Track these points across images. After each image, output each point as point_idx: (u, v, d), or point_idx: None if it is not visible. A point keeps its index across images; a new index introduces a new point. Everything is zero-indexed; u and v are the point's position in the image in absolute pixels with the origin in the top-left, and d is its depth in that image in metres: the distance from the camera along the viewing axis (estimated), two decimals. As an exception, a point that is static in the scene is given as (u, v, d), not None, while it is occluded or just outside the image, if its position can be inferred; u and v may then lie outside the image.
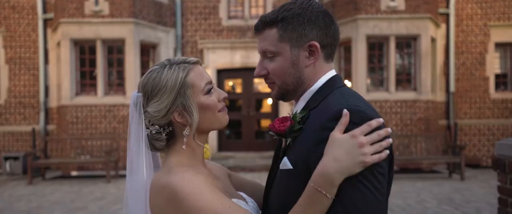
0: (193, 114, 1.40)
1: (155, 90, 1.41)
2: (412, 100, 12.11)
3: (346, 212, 1.18)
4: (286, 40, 1.39)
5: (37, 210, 7.55)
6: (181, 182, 1.31)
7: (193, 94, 1.41)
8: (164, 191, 1.32)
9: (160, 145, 1.47)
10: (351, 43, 12.26)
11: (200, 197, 1.27)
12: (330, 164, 1.19)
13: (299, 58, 1.39)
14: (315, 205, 1.18)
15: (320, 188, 1.18)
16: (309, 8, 1.39)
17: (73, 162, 11.35)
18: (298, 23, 1.38)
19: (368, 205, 1.19)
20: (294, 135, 1.39)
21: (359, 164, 1.20)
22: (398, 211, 7.12)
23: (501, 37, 13.02)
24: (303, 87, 1.43)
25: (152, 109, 1.41)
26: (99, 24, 11.92)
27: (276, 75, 1.43)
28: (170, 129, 1.45)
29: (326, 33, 1.41)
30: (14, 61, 13.00)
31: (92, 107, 12.08)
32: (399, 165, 11.97)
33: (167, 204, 1.31)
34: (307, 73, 1.41)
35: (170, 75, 1.41)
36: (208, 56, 13.21)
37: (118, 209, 7.54)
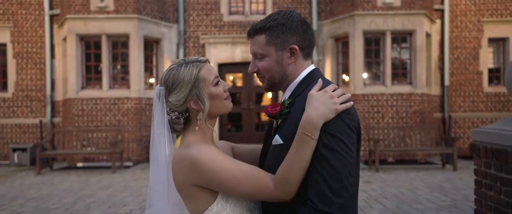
0: (205, 101, 1.78)
1: (175, 84, 1.78)
2: (408, 93, 12.48)
3: (331, 167, 1.56)
4: (272, 44, 1.77)
5: (49, 198, 7.96)
6: (198, 152, 1.68)
7: (204, 86, 1.79)
8: (185, 161, 1.69)
9: (179, 127, 1.85)
10: (349, 38, 12.63)
11: (214, 161, 1.65)
12: (312, 112, 1.57)
13: (282, 58, 1.77)
14: (304, 146, 1.55)
15: (307, 132, 1.55)
16: (290, 18, 1.77)
17: (80, 153, 11.73)
18: (281, 31, 1.76)
19: (344, 162, 1.57)
20: (283, 117, 1.77)
21: (332, 110, 1.58)
22: (392, 198, 7.52)
23: (494, 32, 13.42)
24: (288, 80, 1.82)
25: (173, 99, 1.79)
26: (104, 20, 12.30)
27: (265, 71, 1.82)
28: (187, 114, 1.82)
29: (304, 38, 1.79)
30: (22, 55, 13.38)
31: (97, 100, 12.46)
32: (395, 156, 12.39)
33: (188, 171, 1.68)
34: (290, 69, 1.79)
35: (186, 71, 1.79)
36: (209, 51, 13.59)
37: (125, 196, 7.94)
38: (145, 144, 12.71)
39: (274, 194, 1.57)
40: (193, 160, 1.65)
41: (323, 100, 1.60)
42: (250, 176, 1.59)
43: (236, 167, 1.63)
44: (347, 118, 1.61)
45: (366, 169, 10.96)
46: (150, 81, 13.45)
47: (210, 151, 1.69)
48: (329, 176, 1.55)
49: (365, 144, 12.15)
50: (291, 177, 1.54)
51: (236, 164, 1.64)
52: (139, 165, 12.12)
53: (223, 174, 1.60)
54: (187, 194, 1.70)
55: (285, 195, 1.57)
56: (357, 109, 12.39)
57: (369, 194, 7.87)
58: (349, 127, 1.62)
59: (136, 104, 12.48)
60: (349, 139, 1.61)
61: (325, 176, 1.55)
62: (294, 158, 1.55)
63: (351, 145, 1.61)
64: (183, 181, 1.69)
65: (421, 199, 7.45)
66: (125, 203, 7.36)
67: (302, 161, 1.54)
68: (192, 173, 1.65)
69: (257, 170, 1.65)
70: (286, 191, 1.56)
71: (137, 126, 12.52)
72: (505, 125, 3.64)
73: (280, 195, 1.57)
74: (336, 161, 1.56)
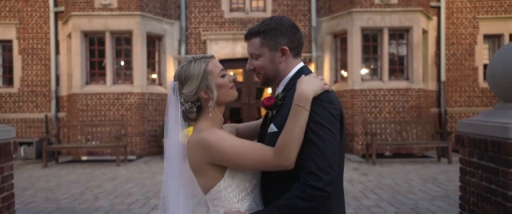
0: (213, 91, 2.07)
1: (187, 77, 2.08)
2: (405, 89, 12.78)
3: (319, 149, 1.84)
4: (265, 46, 2.06)
5: (57, 189, 8.27)
6: (210, 135, 1.98)
7: (212, 78, 2.08)
8: (198, 144, 1.98)
9: (192, 116, 2.14)
10: (347, 35, 12.92)
11: (222, 141, 1.94)
12: (303, 87, 1.86)
13: (275, 58, 2.06)
14: (298, 115, 1.83)
15: (300, 103, 1.83)
16: (281, 23, 2.06)
17: (85, 147, 12.04)
18: (273, 34, 2.05)
19: (329, 145, 1.86)
20: (277, 108, 2.07)
21: (320, 86, 1.87)
22: (387, 189, 7.83)
23: (489, 29, 13.71)
24: (280, 76, 2.11)
25: (186, 90, 2.08)
26: (107, 17, 12.59)
27: (260, 69, 2.11)
28: (198, 103, 2.11)
29: (293, 40, 2.08)
30: (27, 52, 13.68)
31: (101, 95, 12.76)
32: (392, 150, 12.69)
33: (202, 151, 1.97)
34: (281, 67, 2.08)
35: (196, 66, 2.08)
36: (210, 47, 13.88)
37: (130, 187, 8.25)
38: (148, 138, 13.01)
39: (275, 161, 1.84)
40: (205, 142, 1.94)
41: (311, 79, 1.91)
42: (253, 150, 1.88)
43: (241, 144, 1.92)
44: (331, 107, 1.90)
45: (363, 162, 11.26)
46: (153, 77, 13.73)
47: (219, 133, 1.98)
48: (317, 157, 1.84)
49: (362, 137, 12.45)
50: (289, 142, 1.82)
51: (241, 142, 1.93)
52: (142, 159, 12.42)
53: (230, 151, 1.89)
54: (200, 172, 2.00)
55: (284, 160, 1.83)
56: (355, 103, 12.71)
57: (365, 185, 8.18)
58: (333, 115, 1.90)
59: (139, 99, 12.78)
60: (333, 125, 1.90)
61: (314, 157, 1.84)
62: (291, 126, 1.84)
63: (335, 131, 1.90)
64: (197, 160, 1.98)
65: (415, 189, 7.76)
66: (130, 194, 7.67)
67: (297, 128, 1.83)
68: (204, 153, 1.94)
69: (259, 144, 1.95)
70: (285, 155, 1.83)
71: (140, 120, 12.81)
72: (486, 117, 3.94)
73: (280, 161, 1.83)
74: (323, 144, 1.85)
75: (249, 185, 2.02)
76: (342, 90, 13.11)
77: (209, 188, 2.00)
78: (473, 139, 3.95)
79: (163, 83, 13.73)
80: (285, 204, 1.85)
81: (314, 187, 1.81)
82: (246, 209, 1.98)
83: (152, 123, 13.14)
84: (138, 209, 6.57)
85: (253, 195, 2.04)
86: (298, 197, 1.83)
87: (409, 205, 6.62)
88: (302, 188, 1.82)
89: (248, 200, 2.01)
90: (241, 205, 1.99)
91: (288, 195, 1.86)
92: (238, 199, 1.98)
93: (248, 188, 2.01)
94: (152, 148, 13.22)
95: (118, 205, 6.84)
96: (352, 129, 12.80)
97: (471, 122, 4.04)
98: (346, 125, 12.99)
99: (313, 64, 13.78)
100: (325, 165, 1.83)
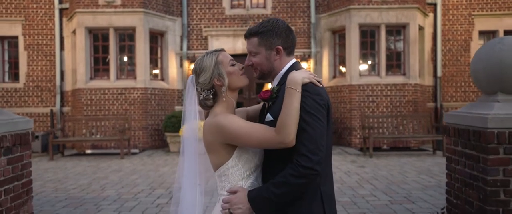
0: (225, 78, 2.38)
1: (201, 68, 2.40)
2: (401, 84, 13.10)
3: (309, 135, 2.14)
4: (262, 45, 2.36)
5: (65, 180, 8.60)
6: (223, 118, 2.29)
7: (223, 67, 2.40)
8: (213, 126, 2.30)
9: (210, 102, 2.45)
10: (345, 31, 13.24)
11: (233, 124, 2.24)
12: (294, 74, 2.17)
13: (270, 56, 2.36)
14: (292, 97, 2.13)
15: (292, 86, 2.14)
16: (276, 25, 2.36)
17: (90, 140, 12.38)
18: (270, 35, 2.35)
19: (317, 130, 2.17)
20: (273, 100, 2.38)
21: (307, 77, 2.18)
22: (382, 179, 8.15)
23: (484, 26, 14.04)
24: (275, 72, 2.42)
25: (201, 79, 2.39)
26: (111, 13, 12.90)
27: (257, 65, 2.42)
28: (213, 90, 2.42)
29: (287, 41, 2.38)
30: (32, 48, 14.00)
31: (105, 90, 13.08)
32: (389, 143, 13.02)
33: (216, 132, 2.28)
34: (276, 64, 2.39)
35: (208, 58, 2.40)
36: (212, 43, 14.19)
37: (135, 178, 8.57)
38: (150, 132, 13.33)
39: (277, 139, 2.14)
40: (219, 125, 2.25)
41: (302, 71, 2.22)
42: (259, 130, 2.20)
43: (249, 126, 2.23)
44: (318, 98, 2.22)
45: (361, 155, 11.56)
46: (155, 72, 14.05)
47: (231, 117, 2.30)
48: (307, 141, 2.15)
49: (360, 131, 12.77)
50: (287, 121, 2.13)
51: (249, 124, 2.25)
52: (145, 152, 12.75)
53: (239, 131, 2.20)
54: (213, 150, 2.32)
55: (285, 138, 2.12)
56: (353, 98, 13.03)
57: (361, 176, 8.51)
58: (320, 104, 2.22)
59: (142, 94, 13.10)
60: (321, 114, 2.21)
61: (305, 141, 2.15)
62: (286, 107, 2.15)
63: (323, 118, 2.22)
64: (211, 140, 2.30)
65: (409, 180, 8.09)
66: (136, 184, 8.00)
67: (292, 108, 2.14)
68: (218, 134, 2.26)
69: (264, 126, 2.26)
70: (286, 133, 2.12)
71: (143, 115, 13.13)
72: (469, 108, 4.25)
73: (282, 138, 2.13)
74: (312, 130, 2.16)
75: (252, 165, 2.33)
76: (341, 85, 13.43)
77: (219, 166, 2.32)
78: (457, 129, 4.27)
79: (165, 78, 14.05)
80: (280, 181, 2.17)
81: (305, 167, 2.12)
82: (248, 186, 2.30)
83: (154, 117, 13.46)
84: (144, 198, 6.90)
85: (255, 174, 2.36)
86: (291, 174, 2.14)
87: (402, 194, 6.95)
88: (295, 167, 2.13)
89: (251, 178, 2.33)
90: (244, 182, 2.30)
91: (283, 173, 2.17)
92: (242, 177, 2.30)
93: (251, 168, 2.33)
94: (155, 141, 13.54)
95: (125, 194, 7.17)
96: (350, 123, 13.12)
97: (456, 113, 4.35)
98: (344, 119, 13.32)
99: (312, 59, 14.09)
100: (314, 147, 2.14)
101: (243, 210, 2.21)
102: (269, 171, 2.33)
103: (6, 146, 4.00)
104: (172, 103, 14.03)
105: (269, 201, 2.17)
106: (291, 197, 2.18)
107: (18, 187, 4.23)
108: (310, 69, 13.98)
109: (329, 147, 2.33)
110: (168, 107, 13.88)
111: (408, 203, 6.37)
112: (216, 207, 2.35)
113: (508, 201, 3.73)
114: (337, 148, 12.96)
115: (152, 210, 6.10)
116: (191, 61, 13.95)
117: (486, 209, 3.76)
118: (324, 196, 2.27)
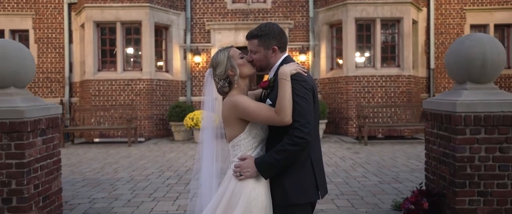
0: (236, 68, 2.98)
1: (217, 63, 2.99)
2: (396, 75, 13.70)
3: (299, 112, 2.74)
4: (261, 46, 2.94)
5: (79, 164, 9.23)
6: (238, 98, 2.88)
7: (234, 60, 3.00)
8: (229, 103, 2.89)
9: (226, 89, 3.03)
10: (342, 25, 13.83)
11: (245, 102, 2.83)
12: (284, 67, 2.75)
13: (268, 54, 2.94)
14: (284, 86, 2.70)
15: (282, 77, 2.72)
16: (272, 29, 2.94)
17: (100, 128, 13.01)
18: (267, 38, 2.93)
19: (305, 108, 2.77)
20: (270, 88, 3.00)
21: (294, 68, 2.76)
22: (373, 164, 8.79)
23: (475, 20, 14.66)
24: (271, 65, 3.01)
25: (218, 71, 2.99)
26: (118, 8, 13.49)
27: (257, 61, 3.00)
28: (228, 79, 3.01)
29: (280, 41, 2.96)
30: (42, 41, 14.61)
31: (112, 81, 13.69)
32: (384, 132, 13.64)
33: (232, 108, 2.86)
34: (272, 59, 2.97)
35: (222, 54, 3.00)
36: (214, 36, 14.79)
37: (144, 163, 9.20)
38: (155, 122, 13.97)
39: (278, 118, 2.73)
40: (235, 102, 2.85)
41: (290, 65, 2.83)
42: (264, 109, 2.80)
43: (257, 105, 2.83)
44: (305, 84, 2.82)
45: (357, 143, 12.19)
46: (160, 64, 14.66)
47: (244, 97, 2.90)
48: (299, 117, 2.76)
49: (356, 121, 13.39)
50: (283, 104, 2.73)
51: (257, 104, 2.85)
52: (151, 140, 13.39)
53: (250, 109, 2.81)
54: (229, 124, 2.93)
55: (284, 117, 2.71)
56: (349, 89, 13.65)
57: (355, 161, 9.14)
58: (307, 89, 2.83)
59: (147, 85, 13.71)
60: (308, 96, 2.82)
61: (297, 118, 2.76)
62: (281, 94, 2.75)
63: (309, 99, 2.82)
64: (228, 115, 2.91)
65: (398, 164, 8.73)
66: (146, 168, 8.63)
67: (286, 94, 2.73)
68: (234, 110, 2.86)
69: (268, 106, 2.87)
70: (283, 114, 2.71)
71: (148, 105, 13.75)
72: (443, 96, 4.87)
73: (281, 118, 2.72)
74: (301, 108, 2.77)
75: (260, 139, 2.94)
76: (338, 77, 14.04)
77: (233, 137, 2.92)
78: (433, 113, 4.90)
79: (169, 70, 14.66)
80: (280, 149, 2.78)
81: (298, 137, 2.73)
82: (255, 155, 2.91)
83: (159, 107, 14.08)
84: (155, 179, 7.54)
85: (261, 146, 2.97)
86: (288, 143, 2.75)
87: (391, 175, 7.59)
88: (291, 138, 2.75)
89: (257, 149, 2.94)
90: (252, 152, 2.91)
91: (282, 143, 2.78)
92: (251, 147, 2.91)
93: (259, 141, 2.94)
94: (160, 130, 14.17)
95: (137, 176, 7.81)
96: (347, 113, 13.75)
97: (432, 100, 4.98)
98: (341, 109, 13.94)
99: (310, 52, 14.69)
100: (305, 122, 2.75)
101: (251, 173, 2.81)
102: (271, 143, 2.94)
103: (42, 128, 4.63)
104: (176, 94, 14.65)
105: (271, 165, 2.78)
106: (288, 162, 2.77)
107: (50, 164, 4.87)
108: (308, 62, 14.66)
109: (316, 122, 2.94)
110: (173, 97, 14.50)
111: (395, 183, 7.01)
112: (229, 171, 2.95)
113: (474, 175, 4.37)
114: (334, 136, 13.60)
115: (163, 189, 6.74)
116: (194, 53, 14.55)
117: (456, 182, 4.40)
118: (313, 160, 2.88)
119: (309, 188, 2.85)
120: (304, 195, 2.84)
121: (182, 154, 10.55)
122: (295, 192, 2.81)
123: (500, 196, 4.35)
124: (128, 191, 6.65)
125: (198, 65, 14.85)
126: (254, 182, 2.81)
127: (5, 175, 4.28)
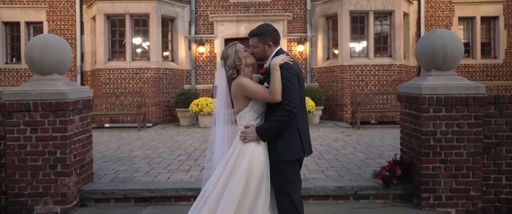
0: (242, 59, 3.86)
1: (227, 56, 3.86)
2: (388, 64, 14.62)
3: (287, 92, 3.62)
4: (260, 42, 3.79)
5: (96, 145, 10.13)
6: (243, 80, 3.74)
7: (239, 53, 3.89)
8: (236, 84, 3.75)
9: (234, 76, 3.86)
10: (338, 17, 14.73)
11: (248, 83, 3.69)
12: (275, 59, 3.61)
13: (265, 48, 3.79)
14: (274, 74, 3.56)
15: (273, 67, 3.60)
16: (268, 29, 3.81)
17: (112, 114, 13.99)
18: (265, 35, 3.80)
19: (291, 88, 3.64)
20: (267, 74, 3.86)
21: (282, 59, 3.62)
22: (363, 144, 9.73)
23: (463, 12, 15.58)
24: (267, 56, 3.86)
25: (228, 63, 3.85)
26: (128, 1, 14.39)
27: (257, 53, 3.86)
28: (236, 68, 3.91)
29: (275, 38, 3.83)
30: (55, 32, 15.52)
31: (122, 70, 14.62)
32: (377, 118, 14.58)
33: (239, 88, 3.73)
34: (268, 52, 3.82)
35: (230, 49, 3.87)
36: (217, 28, 15.69)
37: (156, 144, 10.14)
38: (162, 108, 14.91)
39: (272, 97, 3.59)
40: (240, 83, 3.72)
41: (279, 57, 3.70)
42: (261, 90, 3.68)
43: (257, 86, 3.70)
44: (291, 70, 3.68)
45: (350, 128, 13.12)
46: (166, 54, 15.57)
47: (247, 79, 3.76)
48: (287, 95, 3.62)
49: (350, 107, 14.31)
50: (274, 87, 3.60)
51: (257, 85, 3.73)
52: (159, 125, 14.34)
53: (250, 89, 3.69)
54: (237, 100, 3.82)
55: (275, 96, 3.57)
56: (344, 78, 14.57)
57: (346, 142, 10.09)
58: (293, 74, 3.69)
59: (154, 74, 14.64)
60: (293, 79, 3.67)
61: (286, 96, 3.62)
62: (273, 80, 3.61)
63: (295, 82, 3.66)
64: (236, 93, 3.78)
65: (385, 144, 9.68)
66: (157, 148, 9.58)
67: (277, 80, 3.60)
68: (240, 89, 3.73)
69: (265, 88, 3.75)
70: (274, 94, 3.58)
71: (156, 92, 14.69)
72: (414, 81, 5.81)
73: (274, 97, 3.57)
74: (288, 89, 3.63)
75: (260, 112, 3.83)
76: (333, 66, 14.96)
77: (240, 111, 3.82)
78: (405, 96, 5.84)
79: (175, 60, 15.58)
80: (274, 119, 3.69)
81: (287, 110, 3.61)
82: (256, 124, 3.80)
83: (166, 94, 15.01)
84: (167, 156, 8.49)
85: (261, 118, 3.85)
86: (280, 115, 3.63)
87: (377, 153, 8.54)
88: (282, 110, 3.63)
89: (258, 120, 3.82)
90: (253, 121, 3.81)
91: (275, 115, 3.67)
92: (253, 118, 3.82)
93: (259, 114, 3.82)
94: (166, 116, 15.12)
95: (151, 154, 8.76)
96: (342, 100, 14.68)
97: (404, 85, 5.93)
98: (336, 96, 14.87)
99: (308, 43, 15.59)
100: (291, 98, 3.64)
101: (253, 137, 3.70)
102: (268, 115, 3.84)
103: (79, 108, 5.58)
104: (181, 82, 15.57)
105: (268, 131, 3.67)
106: (280, 129, 3.65)
107: (85, 138, 5.83)
108: (306, 52, 15.56)
109: (302, 99, 3.84)
110: (178, 85, 15.43)
111: (379, 158, 7.95)
112: (237, 136, 3.86)
113: (436, 146, 5.31)
114: (330, 122, 14.54)
115: (176, 164, 7.69)
116: (198, 44, 15.45)
117: (422, 152, 5.35)
118: (300, 128, 3.78)
119: (296, 149, 3.73)
120: (292, 154, 3.72)
121: (189, 136, 11.50)
122: (285, 152, 3.69)
123: (457, 163, 5.29)
124: (146, 165, 7.61)
125: (202, 55, 15.75)
126: (256, 144, 3.68)
127: (52, 145, 5.22)
